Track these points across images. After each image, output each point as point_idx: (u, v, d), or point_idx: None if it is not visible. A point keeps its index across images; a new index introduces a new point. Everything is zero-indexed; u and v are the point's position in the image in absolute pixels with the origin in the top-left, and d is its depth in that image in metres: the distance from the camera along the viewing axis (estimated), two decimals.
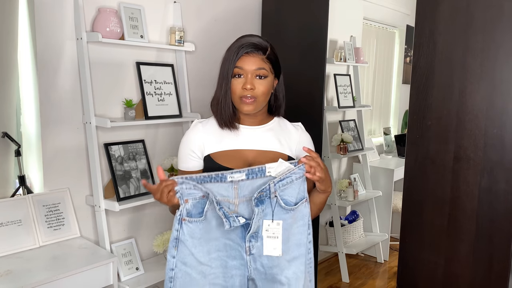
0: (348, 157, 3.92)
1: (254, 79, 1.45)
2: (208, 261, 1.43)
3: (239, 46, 1.46)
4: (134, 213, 2.46)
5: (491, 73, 1.89)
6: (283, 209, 1.43)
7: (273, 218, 1.42)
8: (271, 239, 1.42)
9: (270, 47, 1.49)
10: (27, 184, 2.11)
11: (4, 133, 2.02)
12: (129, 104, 2.29)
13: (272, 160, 1.47)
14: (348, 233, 3.74)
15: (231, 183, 1.40)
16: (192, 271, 1.42)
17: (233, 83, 1.46)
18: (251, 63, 1.45)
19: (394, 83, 4.92)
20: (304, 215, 1.47)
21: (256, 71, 1.45)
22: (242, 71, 1.45)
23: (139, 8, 2.33)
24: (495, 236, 1.93)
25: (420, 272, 2.14)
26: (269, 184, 1.40)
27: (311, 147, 1.57)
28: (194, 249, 1.41)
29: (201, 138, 1.52)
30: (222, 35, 2.82)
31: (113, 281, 1.99)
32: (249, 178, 1.40)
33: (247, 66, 1.45)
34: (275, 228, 1.42)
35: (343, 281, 3.50)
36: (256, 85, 1.45)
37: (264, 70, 1.45)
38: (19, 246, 1.96)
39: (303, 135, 1.58)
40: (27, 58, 2.10)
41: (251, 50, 1.45)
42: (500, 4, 1.85)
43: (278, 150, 1.53)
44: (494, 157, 1.90)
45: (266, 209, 1.42)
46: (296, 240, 1.46)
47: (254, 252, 1.43)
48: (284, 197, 1.42)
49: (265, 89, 1.46)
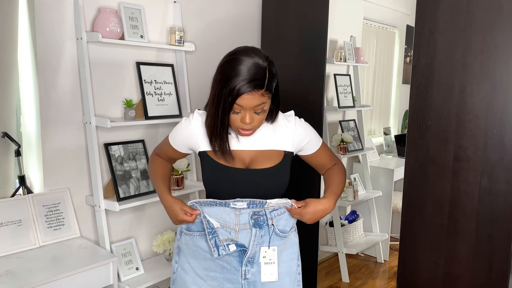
0: (348, 157, 3.92)
1: (253, 114, 1.41)
2: (205, 276, 1.52)
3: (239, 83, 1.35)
4: (134, 213, 2.46)
5: (491, 73, 1.89)
6: (278, 236, 1.51)
7: (269, 244, 1.50)
8: (268, 265, 1.50)
9: (268, 71, 1.38)
10: (27, 184, 2.11)
11: (4, 133, 2.02)
12: (129, 104, 2.29)
13: (268, 158, 1.51)
14: (348, 233, 3.75)
15: (233, 209, 1.47)
16: (188, 279, 1.53)
17: (231, 116, 1.42)
18: (250, 101, 1.37)
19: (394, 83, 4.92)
20: (294, 243, 1.59)
21: (255, 107, 1.40)
22: (241, 108, 1.39)
23: (139, 8, 2.33)
24: (495, 236, 1.92)
25: (420, 272, 2.14)
26: (265, 210, 1.48)
27: (308, 134, 1.59)
28: (191, 259, 1.53)
29: (199, 133, 1.53)
30: (222, 35, 2.82)
31: (113, 281, 1.99)
32: (249, 207, 1.47)
33: (246, 105, 1.38)
34: (271, 254, 1.50)
35: (343, 281, 3.50)
36: (255, 119, 1.43)
37: (263, 104, 1.41)
38: (19, 246, 1.96)
39: (296, 127, 1.57)
40: (27, 58, 2.10)
41: (251, 89, 1.36)
42: (500, 4, 1.85)
43: (275, 148, 1.54)
44: (494, 157, 1.90)
45: (264, 236, 1.50)
46: (287, 267, 1.54)
47: (249, 277, 1.50)
48: (279, 226, 1.51)
49: (263, 119, 1.46)
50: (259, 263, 1.49)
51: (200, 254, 1.52)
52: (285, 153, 1.55)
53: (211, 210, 1.48)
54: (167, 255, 2.42)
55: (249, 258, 1.48)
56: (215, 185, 1.52)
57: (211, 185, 1.54)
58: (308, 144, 1.60)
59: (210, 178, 1.53)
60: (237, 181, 1.50)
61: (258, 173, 1.50)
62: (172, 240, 2.38)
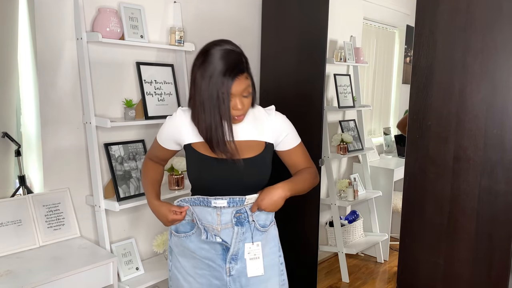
0: (348, 157, 3.93)
1: (242, 98, 1.47)
2: (194, 274, 1.60)
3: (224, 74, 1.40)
4: (134, 213, 2.46)
5: (491, 73, 1.89)
6: (259, 231, 1.57)
7: (253, 240, 1.55)
8: (253, 260, 1.55)
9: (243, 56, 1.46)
10: (27, 184, 2.11)
11: (4, 133, 2.02)
12: (129, 104, 2.29)
13: (250, 148, 1.55)
14: (348, 233, 3.75)
15: (214, 209, 1.52)
16: (180, 276, 1.63)
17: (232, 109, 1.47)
18: (238, 87, 1.43)
19: (394, 83, 4.92)
20: (274, 236, 1.64)
21: (243, 91, 1.46)
22: (232, 96, 1.45)
23: (139, 8, 2.33)
24: (495, 236, 1.93)
25: (420, 272, 2.14)
26: (245, 207, 1.53)
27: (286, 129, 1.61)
28: (180, 258, 1.63)
29: (183, 127, 1.58)
30: (222, 35, 2.81)
31: (113, 281, 1.99)
32: (230, 206, 1.52)
33: (236, 91, 1.44)
34: (255, 249, 1.56)
35: (343, 281, 3.50)
36: (245, 103, 1.49)
37: (248, 86, 1.48)
38: (19, 246, 1.96)
39: (276, 120, 1.61)
40: (27, 58, 2.10)
41: (235, 75, 1.41)
42: (500, 4, 1.85)
43: (254, 138, 1.58)
44: (494, 157, 1.90)
45: (246, 233, 1.55)
46: (269, 260, 1.60)
47: (234, 273, 1.56)
48: (259, 221, 1.56)
49: (249, 103, 1.51)
50: (243, 259, 1.55)
51: (188, 254, 1.60)
52: (266, 144, 1.58)
53: (196, 209, 1.55)
54: (167, 255, 2.42)
55: (232, 255, 1.55)
56: (199, 176, 1.56)
57: (195, 176, 1.57)
58: (286, 139, 1.62)
59: (194, 169, 1.57)
60: (220, 171, 1.53)
61: (239, 163, 1.53)
62: None
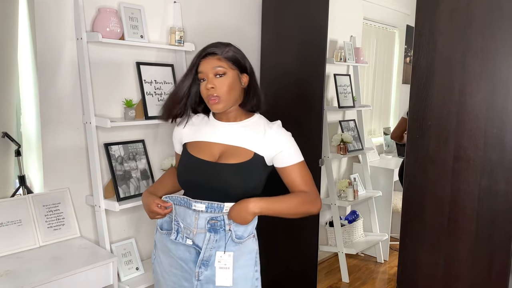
0: (348, 157, 3.93)
1: (214, 79, 1.52)
2: (169, 272, 1.63)
3: (197, 56, 1.56)
4: (134, 213, 2.46)
5: (491, 73, 1.89)
6: (233, 241, 1.53)
7: (225, 250, 1.53)
8: (223, 270, 1.52)
9: (228, 48, 1.55)
10: (27, 184, 2.11)
11: (4, 133, 2.02)
12: (129, 104, 2.29)
13: (237, 154, 1.54)
14: (348, 233, 3.74)
15: (194, 212, 1.52)
16: (158, 271, 1.67)
17: (201, 87, 1.57)
18: (207, 64, 1.53)
19: (394, 83, 4.92)
20: (252, 250, 1.59)
21: (213, 70, 1.52)
22: (203, 75, 1.54)
23: (139, 8, 2.33)
24: (495, 236, 1.92)
25: (420, 272, 2.14)
26: (224, 215, 1.51)
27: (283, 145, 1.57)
28: (161, 254, 1.66)
29: (182, 128, 1.66)
30: (222, 35, 2.81)
31: (113, 281, 1.99)
32: (208, 211, 1.51)
33: (204, 68, 1.53)
34: (226, 259, 1.52)
35: (343, 281, 3.50)
36: (217, 84, 1.52)
37: (221, 67, 1.52)
38: (19, 246, 1.96)
39: (275, 134, 1.57)
40: (27, 58, 2.10)
41: (206, 55, 1.54)
42: (500, 4, 1.85)
43: (245, 146, 1.56)
44: (494, 157, 1.90)
45: (219, 241, 1.52)
46: (243, 273, 1.56)
47: (202, 279, 1.54)
48: (237, 232, 1.53)
49: (226, 86, 1.52)
50: (213, 267, 1.53)
51: (167, 251, 1.63)
52: (255, 154, 1.54)
53: (179, 209, 1.57)
54: None
55: (202, 260, 1.53)
56: (185, 175, 1.60)
57: (182, 176, 1.61)
58: (281, 155, 1.55)
59: (180, 168, 1.62)
60: (204, 174, 1.54)
61: (222, 167, 1.53)
62: None
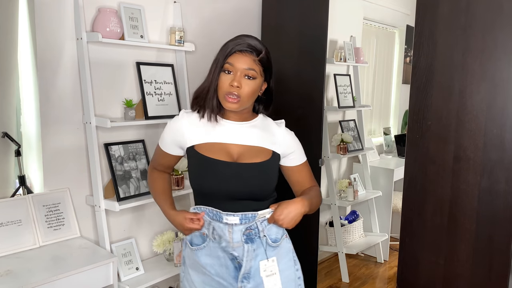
0: (348, 157, 3.93)
1: (243, 78, 1.45)
2: None
3: (235, 43, 1.47)
4: (134, 213, 2.46)
5: (491, 73, 1.89)
6: (271, 246, 1.50)
7: (267, 256, 1.49)
8: (270, 277, 1.48)
9: (265, 51, 1.50)
10: (27, 184, 2.11)
11: (4, 133, 2.02)
12: (129, 104, 2.29)
13: (257, 154, 1.51)
14: (348, 233, 3.74)
15: (226, 225, 1.46)
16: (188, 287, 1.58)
17: (222, 78, 1.47)
18: (242, 61, 1.45)
19: (394, 83, 4.92)
20: (288, 250, 1.56)
21: (246, 70, 1.45)
22: (232, 68, 1.45)
23: (139, 8, 2.33)
24: (495, 236, 1.93)
25: (420, 272, 2.14)
26: (256, 222, 1.47)
27: (294, 145, 1.59)
28: (191, 271, 1.55)
29: (186, 129, 1.54)
30: (222, 35, 2.81)
31: (113, 281, 1.99)
32: (242, 223, 1.46)
33: (237, 63, 1.45)
34: (271, 265, 1.48)
35: (343, 281, 3.50)
36: (243, 85, 1.45)
37: (254, 71, 1.46)
38: (19, 246, 1.96)
39: (286, 133, 1.60)
40: (27, 58, 2.10)
41: (245, 50, 1.46)
42: (500, 4, 1.85)
43: (263, 146, 1.54)
44: (494, 157, 1.90)
45: (257, 249, 1.49)
46: (285, 276, 1.52)
47: None
48: (271, 236, 1.50)
49: (251, 90, 1.46)
50: (256, 278, 1.48)
51: (199, 268, 1.53)
52: (273, 153, 1.55)
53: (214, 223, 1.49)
54: (167, 255, 2.42)
55: (244, 274, 1.48)
56: (201, 179, 1.50)
57: (197, 180, 1.51)
58: (293, 155, 1.59)
59: (196, 172, 1.51)
60: (223, 175, 1.47)
61: (245, 167, 1.48)
62: (172, 240, 2.38)
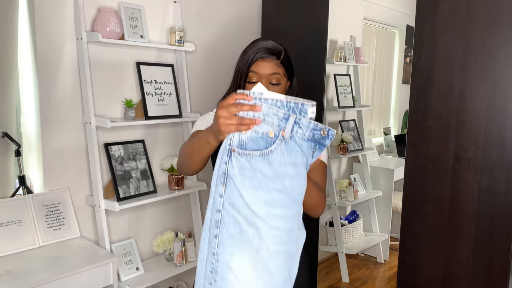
0: (348, 157, 3.92)
1: (269, 85, 1.44)
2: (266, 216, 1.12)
3: (255, 51, 1.45)
4: (134, 213, 2.46)
5: (491, 73, 1.89)
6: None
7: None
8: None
9: (284, 51, 1.49)
10: (27, 184, 2.11)
11: (4, 133, 2.02)
12: (129, 104, 2.29)
13: None
14: (348, 233, 3.74)
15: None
16: (242, 220, 1.12)
17: (248, 88, 1.43)
18: (265, 67, 1.44)
19: (394, 83, 4.92)
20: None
21: (270, 76, 1.44)
22: (257, 76, 1.44)
23: (139, 8, 2.33)
24: (495, 236, 1.93)
25: (420, 272, 2.14)
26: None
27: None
28: (245, 190, 1.12)
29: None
30: (222, 35, 2.82)
31: (113, 281, 1.99)
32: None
33: (261, 70, 1.44)
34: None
35: (343, 281, 3.50)
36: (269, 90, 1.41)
37: (278, 75, 1.45)
38: (19, 246, 1.96)
39: None
40: (27, 58, 2.10)
41: (266, 56, 1.44)
42: (500, 4, 1.85)
43: None
44: (494, 157, 1.90)
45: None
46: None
47: None
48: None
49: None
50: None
51: (261, 183, 1.11)
52: None
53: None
54: (167, 255, 2.42)
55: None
56: None
57: None
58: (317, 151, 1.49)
59: None
60: None
61: None
62: (172, 240, 2.38)
